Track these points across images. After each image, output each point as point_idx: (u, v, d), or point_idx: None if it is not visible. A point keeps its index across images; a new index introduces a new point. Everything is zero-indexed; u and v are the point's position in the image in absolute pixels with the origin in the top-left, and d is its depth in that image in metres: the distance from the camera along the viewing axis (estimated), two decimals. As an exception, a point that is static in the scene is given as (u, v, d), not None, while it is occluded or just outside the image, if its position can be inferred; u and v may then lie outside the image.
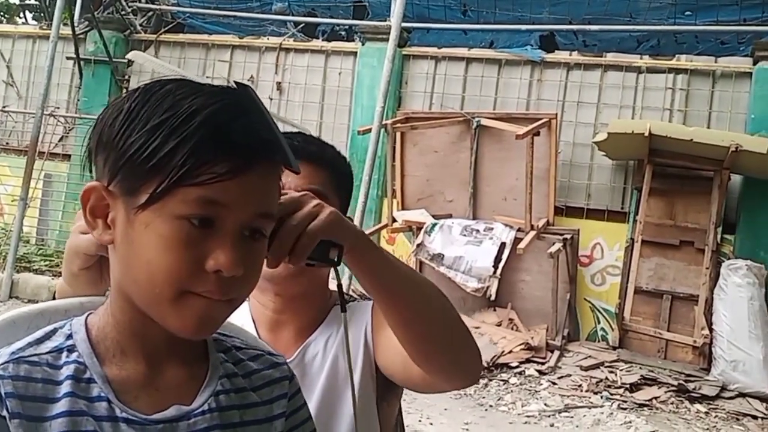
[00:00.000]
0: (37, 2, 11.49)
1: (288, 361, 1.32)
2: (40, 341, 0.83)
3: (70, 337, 0.85)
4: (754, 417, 6.20)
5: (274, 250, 0.92)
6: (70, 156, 9.91)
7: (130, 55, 9.00)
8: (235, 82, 0.85)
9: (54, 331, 0.85)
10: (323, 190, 1.32)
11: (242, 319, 1.41)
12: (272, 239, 0.91)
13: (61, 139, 10.19)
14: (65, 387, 0.80)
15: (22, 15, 13.23)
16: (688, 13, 8.42)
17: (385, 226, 8.43)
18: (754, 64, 7.82)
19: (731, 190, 7.55)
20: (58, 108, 10.17)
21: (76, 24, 9.84)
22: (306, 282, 1.35)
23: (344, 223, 0.99)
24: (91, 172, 0.87)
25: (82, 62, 10.06)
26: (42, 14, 11.37)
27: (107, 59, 9.93)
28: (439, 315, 1.09)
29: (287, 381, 0.99)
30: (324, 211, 0.97)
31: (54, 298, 1.03)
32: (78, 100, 10.32)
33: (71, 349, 0.83)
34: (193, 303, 0.81)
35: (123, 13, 10.20)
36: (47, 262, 9.06)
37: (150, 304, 0.82)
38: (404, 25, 8.15)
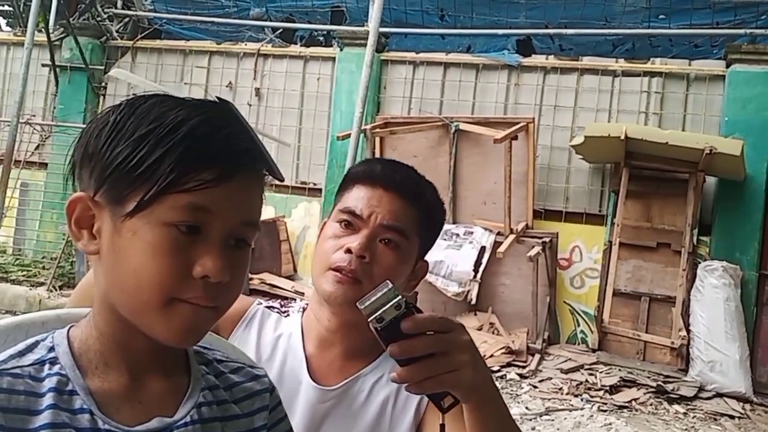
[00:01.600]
0: (10, 8, 11.35)
1: (332, 387, 1.33)
2: (22, 354, 0.83)
3: (52, 349, 0.85)
4: (732, 417, 6.27)
5: (409, 371, 0.94)
6: (46, 164, 9.81)
7: (112, 73, 8.95)
8: (217, 98, 0.87)
9: (36, 344, 0.85)
10: (406, 229, 1.32)
11: (291, 327, 1.42)
12: (417, 359, 0.93)
13: (37, 147, 10.09)
14: (48, 399, 0.80)
15: (-5, 22, 13.09)
16: (662, 16, 8.52)
17: (365, 231, 8.42)
18: (727, 67, 7.92)
19: (706, 192, 7.64)
20: (34, 116, 10.08)
21: (51, 30, 9.77)
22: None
23: (477, 386, 0.99)
24: (74, 184, 0.88)
25: (57, 69, 9.98)
26: (16, 20, 11.25)
27: (83, 66, 9.86)
28: None
29: (268, 393, 0.99)
30: (470, 370, 0.97)
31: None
32: (54, 107, 10.24)
33: (53, 362, 0.83)
34: (180, 310, 0.82)
35: (99, 19, 10.13)
36: (24, 272, 8.96)
37: (137, 313, 0.83)
38: (382, 30, 8.18)
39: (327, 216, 1.41)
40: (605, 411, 6.11)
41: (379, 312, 0.92)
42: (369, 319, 0.92)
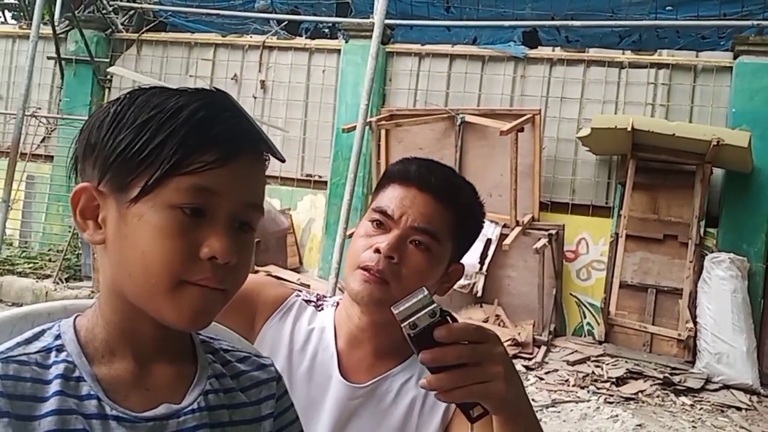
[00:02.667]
0: (16, 1, 11.36)
1: (361, 385, 1.34)
2: (28, 341, 0.84)
3: (58, 337, 0.85)
4: (738, 408, 6.26)
5: (439, 379, 0.93)
6: (52, 157, 9.83)
7: (112, 69, 8.98)
8: (213, 87, 0.89)
9: (42, 332, 0.86)
10: (438, 232, 1.31)
11: (325, 321, 1.41)
12: (448, 368, 0.93)
13: (43, 140, 10.11)
14: (54, 386, 0.80)
15: (0, 14, 13.08)
16: (669, 8, 8.47)
17: (371, 223, 8.41)
18: (735, 58, 7.88)
19: (713, 184, 7.61)
20: (40, 108, 10.09)
21: (56, 23, 9.76)
22: (391, 312, 1.34)
23: (509, 399, 0.98)
24: (77, 178, 0.89)
25: (63, 62, 9.99)
26: (21, 13, 11.25)
27: (89, 59, 9.87)
28: None
29: (275, 382, 1.00)
30: (502, 382, 0.96)
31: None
32: (60, 100, 10.25)
33: (60, 349, 0.84)
34: (189, 292, 0.82)
35: (104, 12, 10.13)
36: (31, 265, 8.99)
37: (146, 297, 0.83)
38: (387, 22, 8.14)
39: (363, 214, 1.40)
40: (612, 403, 6.11)
41: (413, 318, 0.91)
42: (402, 325, 0.92)
